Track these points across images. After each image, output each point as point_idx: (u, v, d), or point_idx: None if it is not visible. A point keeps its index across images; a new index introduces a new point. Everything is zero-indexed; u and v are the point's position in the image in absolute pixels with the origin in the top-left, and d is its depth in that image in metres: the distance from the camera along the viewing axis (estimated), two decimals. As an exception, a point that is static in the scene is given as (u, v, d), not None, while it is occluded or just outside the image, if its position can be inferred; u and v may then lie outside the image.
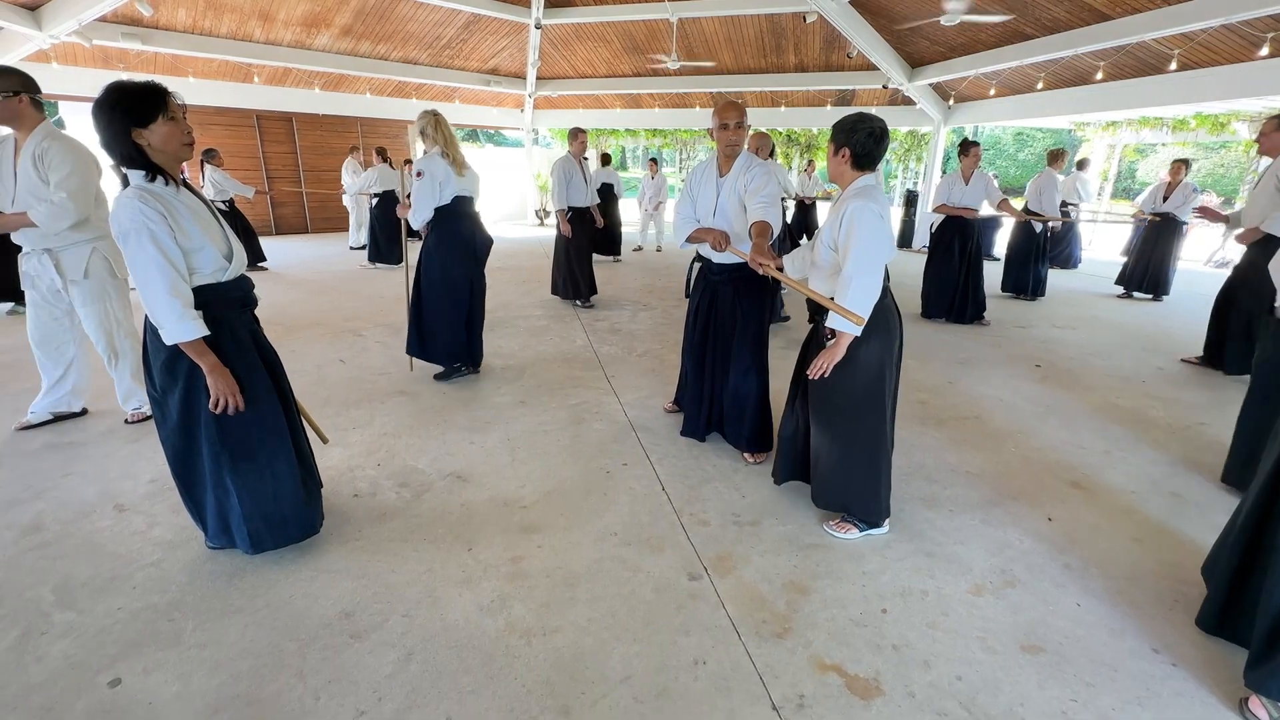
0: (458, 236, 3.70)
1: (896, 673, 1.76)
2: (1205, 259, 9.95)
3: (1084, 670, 1.78)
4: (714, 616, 1.96)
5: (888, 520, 2.42)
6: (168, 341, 1.81)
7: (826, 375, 2.21)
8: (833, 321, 2.15)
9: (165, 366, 1.90)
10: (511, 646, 1.82)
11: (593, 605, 2.00)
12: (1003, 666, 1.79)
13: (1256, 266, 3.90)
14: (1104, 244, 12.27)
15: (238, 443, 1.98)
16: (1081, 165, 9.24)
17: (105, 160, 2.83)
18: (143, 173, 1.78)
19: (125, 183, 1.81)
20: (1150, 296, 7.06)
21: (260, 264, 7.83)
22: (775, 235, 2.55)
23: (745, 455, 2.98)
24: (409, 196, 3.61)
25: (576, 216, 5.94)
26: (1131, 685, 1.73)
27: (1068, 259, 9.39)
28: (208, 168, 7.39)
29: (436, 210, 3.60)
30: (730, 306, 2.88)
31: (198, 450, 1.99)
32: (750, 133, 3.36)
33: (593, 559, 2.23)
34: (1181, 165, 6.63)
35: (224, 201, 7.49)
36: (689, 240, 2.84)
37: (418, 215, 3.57)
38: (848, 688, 1.71)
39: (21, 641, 1.79)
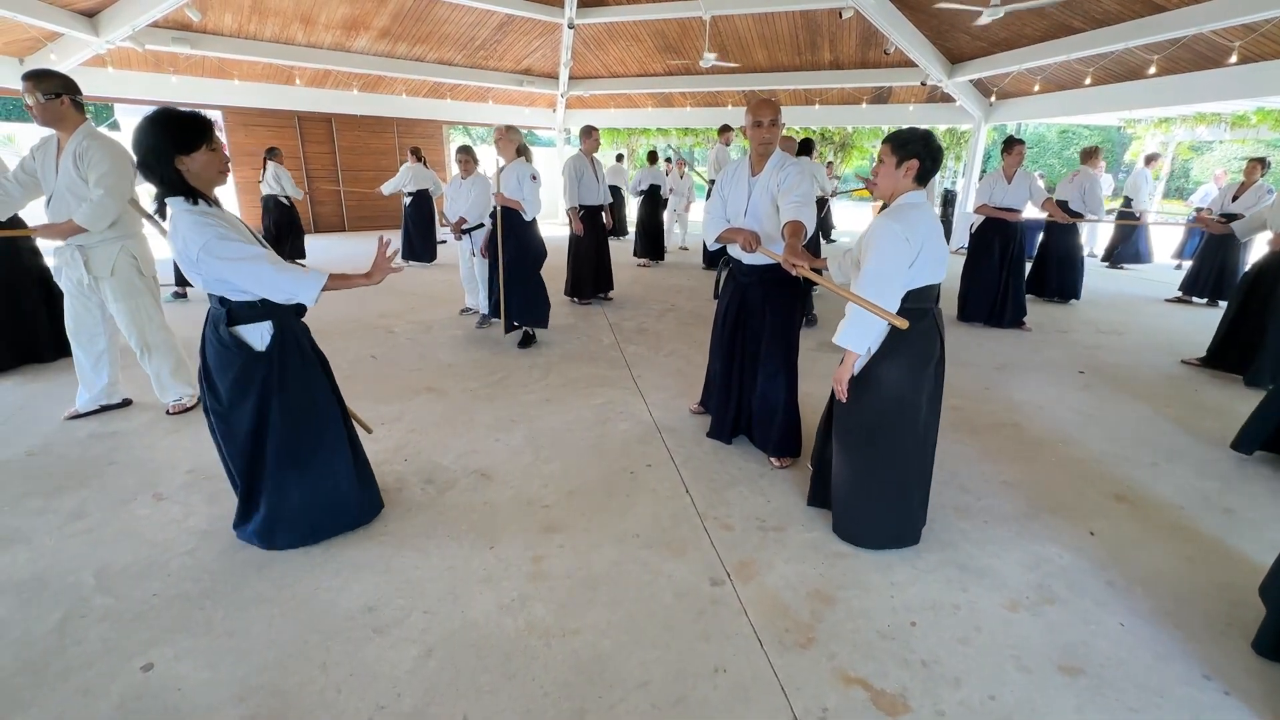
0: (538, 227, 4.63)
1: (925, 689, 1.69)
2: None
3: (1127, 696, 1.69)
4: (735, 623, 1.93)
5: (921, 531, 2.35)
6: (310, 302, 1.94)
7: (845, 395, 2.17)
8: (836, 337, 2.09)
9: (238, 380, 1.98)
10: (530, 647, 1.81)
11: (612, 608, 1.98)
12: (1039, 688, 1.71)
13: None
14: (1155, 246, 11.73)
15: (304, 443, 2.10)
16: (1150, 160, 9.17)
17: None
18: (181, 198, 1.85)
19: (161, 211, 1.89)
20: (1205, 301, 6.73)
21: (299, 260, 8.07)
22: (809, 235, 2.48)
23: (771, 460, 2.93)
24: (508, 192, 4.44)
25: (589, 215, 5.94)
26: (1179, 714, 1.64)
27: (1136, 255, 9.26)
28: (270, 164, 7.77)
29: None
30: (759, 309, 2.83)
31: (263, 457, 2.08)
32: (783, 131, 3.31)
33: (614, 561, 2.22)
34: (1258, 164, 6.32)
35: (284, 198, 7.85)
36: (719, 240, 2.82)
37: (535, 208, 4.48)
38: (873, 703, 1.65)
39: (63, 624, 1.86)
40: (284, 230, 7.99)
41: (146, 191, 2.02)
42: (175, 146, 1.81)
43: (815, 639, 1.87)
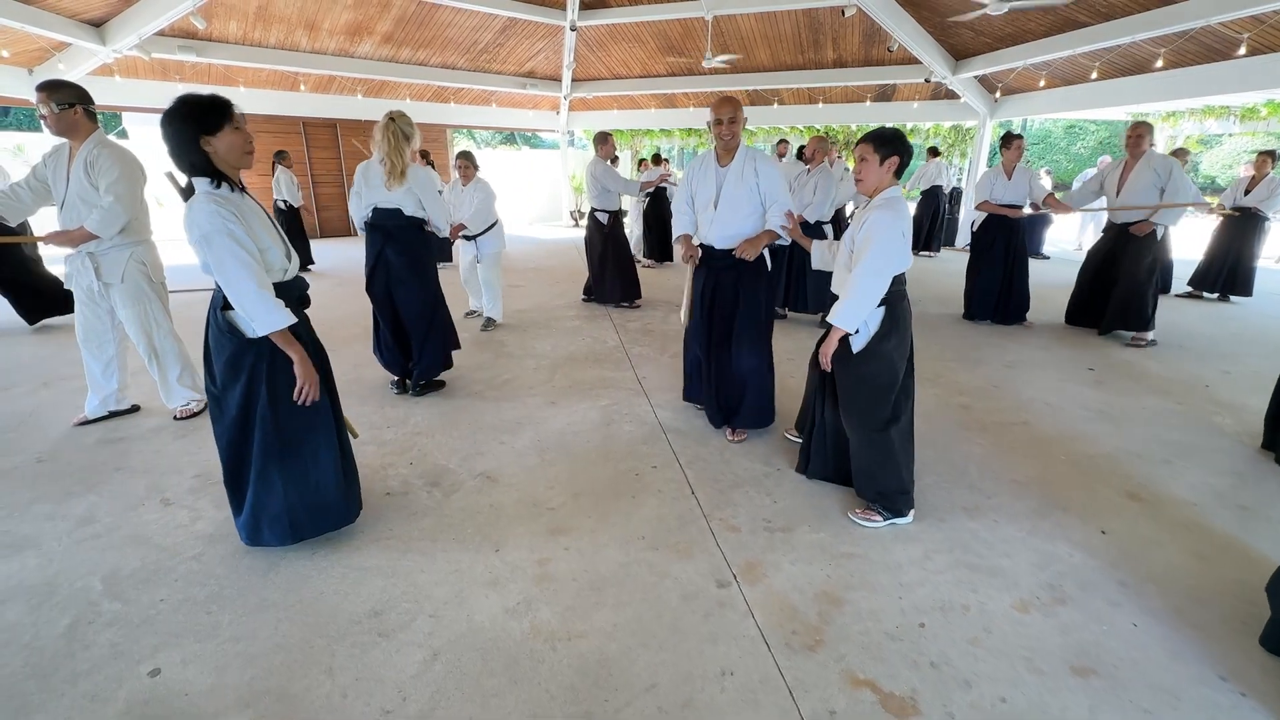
0: (368, 249, 3.53)
1: (935, 692, 1.67)
2: (1278, 256, 9.34)
3: (1141, 697, 1.66)
4: (742, 626, 1.91)
5: (913, 511, 2.45)
6: (262, 332, 1.93)
7: (828, 366, 2.42)
8: (831, 316, 2.32)
9: (229, 363, 2.00)
10: (536, 650, 1.80)
11: (619, 611, 1.97)
12: (1051, 689, 1.68)
13: None
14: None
15: (290, 435, 2.08)
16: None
17: (151, 169, 2.96)
18: (208, 179, 1.87)
19: (186, 193, 1.91)
20: (1217, 296, 6.66)
21: (308, 265, 8.12)
22: (777, 242, 2.85)
23: (729, 433, 3.16)
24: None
25: (615, 220, 5.94)
26: (1195, 715, 1.61)
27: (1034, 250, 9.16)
28: (279, 168, 7.85)
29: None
30: (732, 291, 3.01)
31: (250, 444, 2.08)
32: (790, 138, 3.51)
33: (620, 563, 2.21)
34: (1268, 158, 6.28)
35: (283, 202, 7.90)
36: (676, 240, 3.09)
37: (354, 218, 3.59)
38: (882, 705, 1.63)
39: (71, 629, 1.87)
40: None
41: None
42: (199, 128, 1.83)
43: (823, 641, 1.85)
